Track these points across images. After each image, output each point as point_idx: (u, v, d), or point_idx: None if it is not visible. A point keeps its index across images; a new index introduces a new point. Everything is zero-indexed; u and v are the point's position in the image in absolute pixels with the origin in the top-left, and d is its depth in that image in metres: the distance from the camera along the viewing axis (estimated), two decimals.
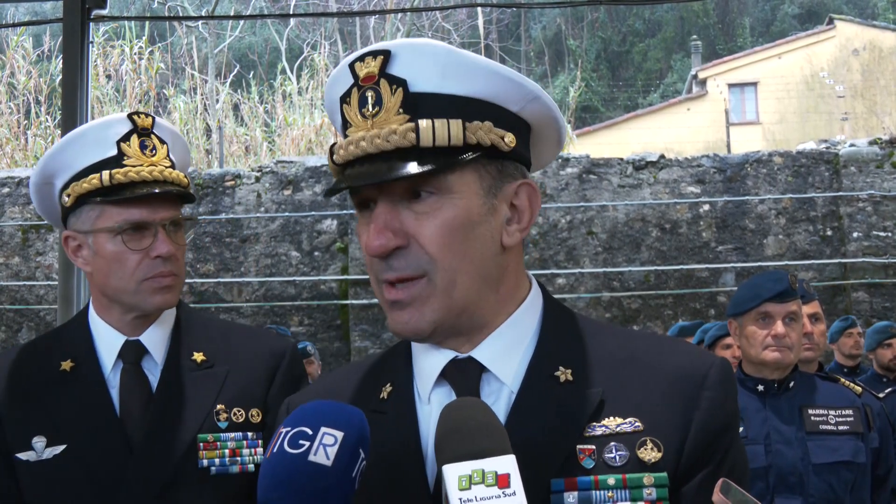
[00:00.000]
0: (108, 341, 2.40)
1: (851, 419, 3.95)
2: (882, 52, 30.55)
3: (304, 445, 1.29)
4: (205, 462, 2.29)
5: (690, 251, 12.12)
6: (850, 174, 12.11)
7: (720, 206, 12.14)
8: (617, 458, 1.43)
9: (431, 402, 1.53)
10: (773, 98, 30.67)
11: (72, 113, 4.80)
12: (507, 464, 1.25)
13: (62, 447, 2.28)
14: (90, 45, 5.01)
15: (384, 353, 1.70)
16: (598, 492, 1.41)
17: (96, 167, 2.33)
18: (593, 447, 1.44)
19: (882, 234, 11.97)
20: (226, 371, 2.39)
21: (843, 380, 4.23)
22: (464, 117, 1.45)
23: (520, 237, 1.54)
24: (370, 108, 1.46)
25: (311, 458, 1.28)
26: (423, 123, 1.43)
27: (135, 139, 2.37)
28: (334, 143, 1.51)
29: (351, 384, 1.65)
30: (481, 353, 1.52)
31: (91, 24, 5.04)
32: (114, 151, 2.34)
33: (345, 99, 1.51)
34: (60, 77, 5.45)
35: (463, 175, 1.47)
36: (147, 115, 2.42)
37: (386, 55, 1.46)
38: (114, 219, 2.33)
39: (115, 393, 2.35)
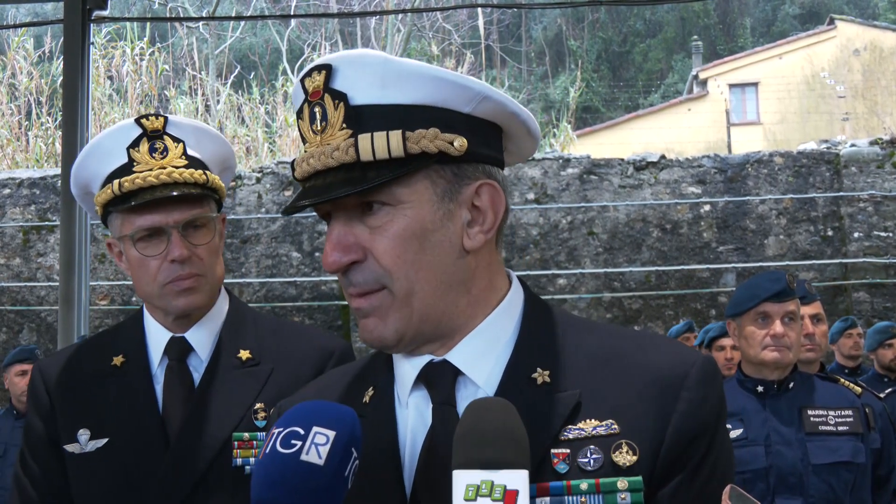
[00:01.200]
0: (157, 338, 2.43)
1: (851, 420, 3.95)
2: (883, 53, 30.54)
3: (296, 445, 1.29)
4: (239, 461, 2.29)
5: (691, 251, 12.12)
6: (851, 174, 12.11)
7: (721, 206, 12.14)
8: (591, 462, 1.41)
9: (409, 406, 1.52)
10: (774, 98, 30.67)
11: (73, 114, 4.81)
12: (518, 480, 1.22)
13: (105, 441, 2.31)
14: (91, 46, 5.02)
15: (370, 357, 1.69)
16: (570, 497, 1.39)
17: (112, 176, 2.35)
18: (568, 451, 1.42)
19: (883, 234, 11.97)
20: (270, 369, 2.40)
21: (842, 380, 4.23)
22: (406, 126, 1.43)
23: (483, 239, 1.51)
24: (318, 124, 1.46)
25: (304, 457, 1.28)
26: (362, 138, 1.42)
27: (144, 143, 2.36)
28: (295, 160, 1.52)
29: (339, 388, 1.65)
30: (456, 356, 1.50)
31: (92, 24, 5.04)
32: (124, 159, 2.36)
33: (299, 114, 1.51)
34: (61, 78, 5.46)
35: (412, 184, 1.45)
36: (158, 116, 2.41)
37: (328, 69, 1.45)
38: (130, 226, 2.35)
39: (159, 389, 2.38)
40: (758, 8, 43.37)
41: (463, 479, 1.23)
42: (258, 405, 2.34)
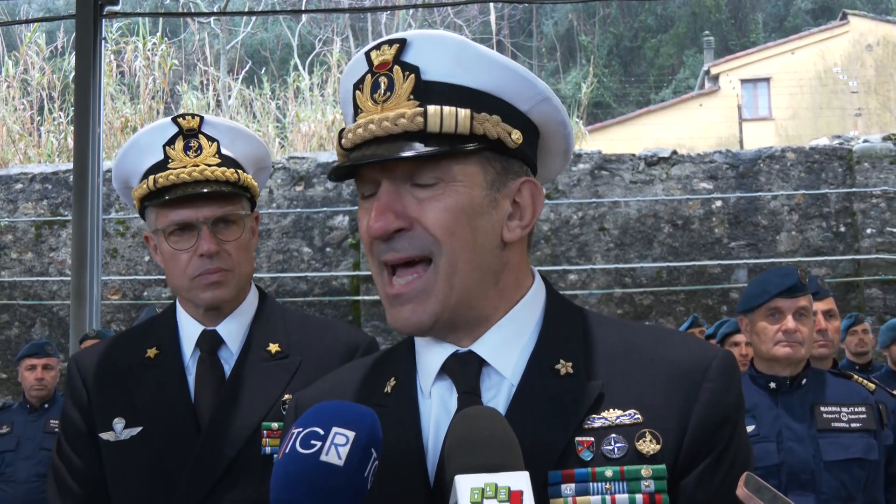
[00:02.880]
0: (189, 331, 2.53)
1: (864, 416, 3.93)
2: None
3: (315, 445, 1.30)
4: (268, 449, 2.36)
5: (703, 247, 12.09)
6: (864, 170, 12.06)
7: (732, 202, 12.11)
8: (615, 450, 1.43)
9: (432, 396, 1.54)
10: (786, 94, 30.56)
11: (85, 109, 4.82)
12: (521, 481, 1.24)
13: (139, 429, 2.40)
14: (103, 42, 5.02)
15: (389, 348, 1.72)
16: (595, 483, 1.41)
17: (148, 172, 2.47)
18: (592, 439, 1.44)
19: (895, 230, 11.92)
20: (298, 362, 2.47)
21: (856, 376, 4.21)
22: (473, 108, 1.47)
23: (520, 234, 1.55)
24: (382, 94, 1.48)
25: (323, 457, 1.29)
26: (432, 109, 1.45)
27: (179, 141, 2.47)
28: (343, 129, 1.53)
29: (357, 379, 1.66)
30: (481, 346, 1.53)
31: (104, 20, 5.05)
32: (160, 156, 2.46)
33: (358, 86, 1.53)
34: (73, 73, 5.47)
35: (467, 165, 1.48)
36: (195, 115, 2.50)
37: (402, 43, 1.49)
38: (164, 220, 2.46)
39: (192, 380, 2.46)
40: (770, 3, 43.23)
41: (467, 483, 1.24)
42: (286, 396, 2.41)
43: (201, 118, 2.51)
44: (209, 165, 2.46)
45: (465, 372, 1.52)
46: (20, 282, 12.46)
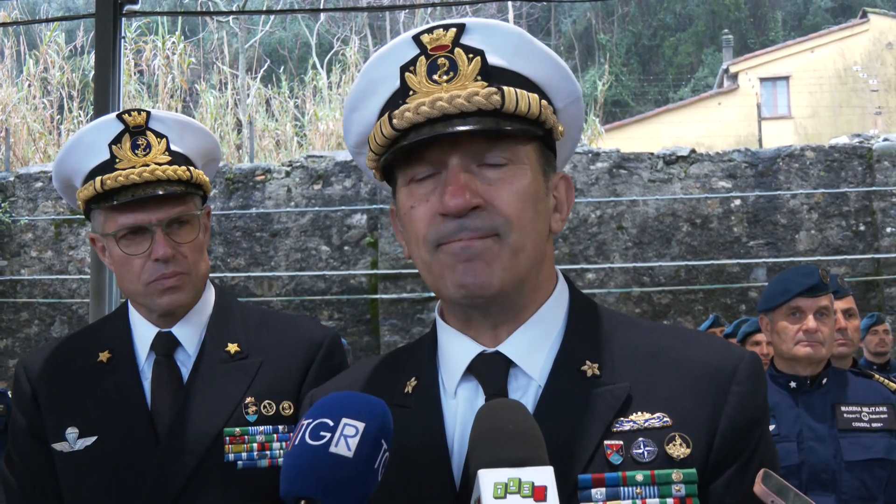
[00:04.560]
0: (142, 333, 2.40)
1: (885, 416, 3.90)
2: None
3: (325, 437, 1.28)
4: (231, 456, 2.26)
5: (721, 246, 12.05)
6: (884, 169, 12.00)
7: (751, 200, 12.06)
8: (645, 453, 1.42)
9: (458, 397, 1.52)
10: (806, 92, 30.42)
11: (104, 107, 4.83)
12: (545, 476, 1.22)
13: (93, 439, 2.28)
14: (122, 41, 5.04)
15: (408, 345, 1.69)
16: (626, 488, 1.40)
17: (94, 173, 2.32)
18: (621, 443, 1.43)
19: None
20: (259, 362, 2.36)
21: (877, 376, 4.18)
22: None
23: (561, 227, 1.57)
24: (443, 74, 1.47)
25: (333, 449, 1.27)
26: (507, 89, 1.44)
27: (126, 139, 2.32)
28: (391, 110, 1.49)
29: (375, 378, 1.64)
30: (509, 347, 1.51)
31: (123, 19, 5.06)
32: (106, 155, 2.31)
33: (408, 68, 1.50)
34: (93, 72, 5.49)
35: (530, 151, 1.49)
36: (140, 111, 2.36)
37: (460, 28, 1.48)
38: (114, 224, 2.32)
39: (147, 385, 2.34)
40: (789, 1, 43.03)
41: (490, 478, 1.22)
42: (248, 399, 2.31)
43: (148, 113, 2.35)
44: (159, 164, 2.30)
45: (493, 373, 1.50)
46: (40, 280, 12.53)
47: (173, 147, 2.37)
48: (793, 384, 3.95)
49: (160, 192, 2.28)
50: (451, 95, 1.44)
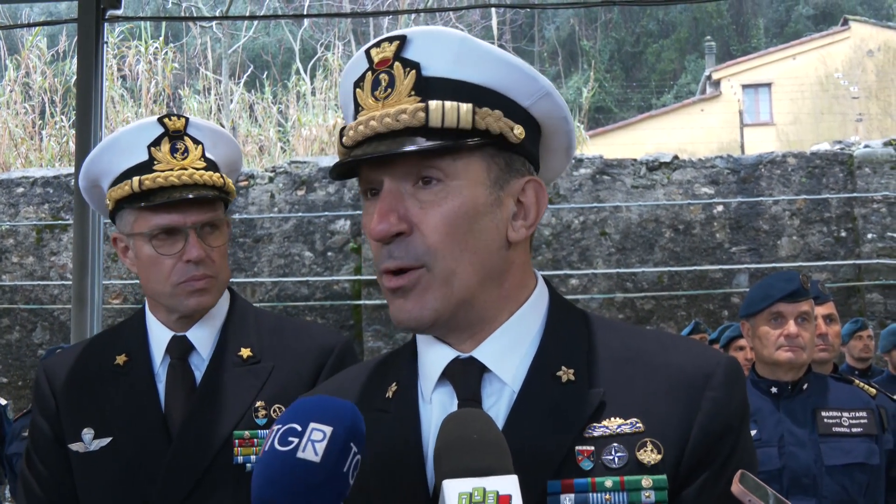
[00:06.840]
0: (158, 337, 2.45)
1: (865, 421, 3.93)
2: None
3: (293, 442, 1.28)
4: (240, 459, 2.31)
5: (704, 252, 12.09)
6: (865, 175, 12.07)
7: (734, 207, 12.11)
8: (616, 459, 1.40)
9: (433, 402, 1.51)
10: (788, 99, 30.59)
11: (86, 113, 4.81)
12: (509, 485, 1.22)
13: (108, 439, 2.34)
14: (105, 46, 5.02)
15: (394, 351, 1.68)
16: (595, 494, 1.38)
17: (129, 173, 2.37)
18: (592, 448, 1.41)
19: None
20: (270, 367, 2.41)
21: (857, 381, 4.21)
22: (474, 103, 1.45)
23: (525, 234, 1.52)
24: (382, 91, 1.46)
25: (300, 454, 1.27)
26: (433, 104, 1.42)
27: (165, 143, 2.39)
28: (344, 127, 1.50)
29: (358, 384, 1.64)
30: (483, 352, 1.50)
31: (106, 24, 5.04)
32: (145, 156, 2.37)
33: (358, 83, 1.51)
34: (75, 77, 5.47)
35: (470, 162, 1.46)
36: (180, 116, 2.44)
37: (402, 40, 1.47)
38: (147, 224, 2.37)
39: (162, 387, 2.40)
40: (771, 8, 43.26)
41: (454, 488, 1.22)
42: (259, 403, 2.36)
43: (187, 119, 2.44)
44: (196, 169, 2.39)
45: (467, 378, 1.49)
46: (21, 286, 12.46)
47: (207, 154, 2.45)
48: (774, 389, 3.97)
49: (194, 196, 2.35)
50: (381, 114, 1.44)
